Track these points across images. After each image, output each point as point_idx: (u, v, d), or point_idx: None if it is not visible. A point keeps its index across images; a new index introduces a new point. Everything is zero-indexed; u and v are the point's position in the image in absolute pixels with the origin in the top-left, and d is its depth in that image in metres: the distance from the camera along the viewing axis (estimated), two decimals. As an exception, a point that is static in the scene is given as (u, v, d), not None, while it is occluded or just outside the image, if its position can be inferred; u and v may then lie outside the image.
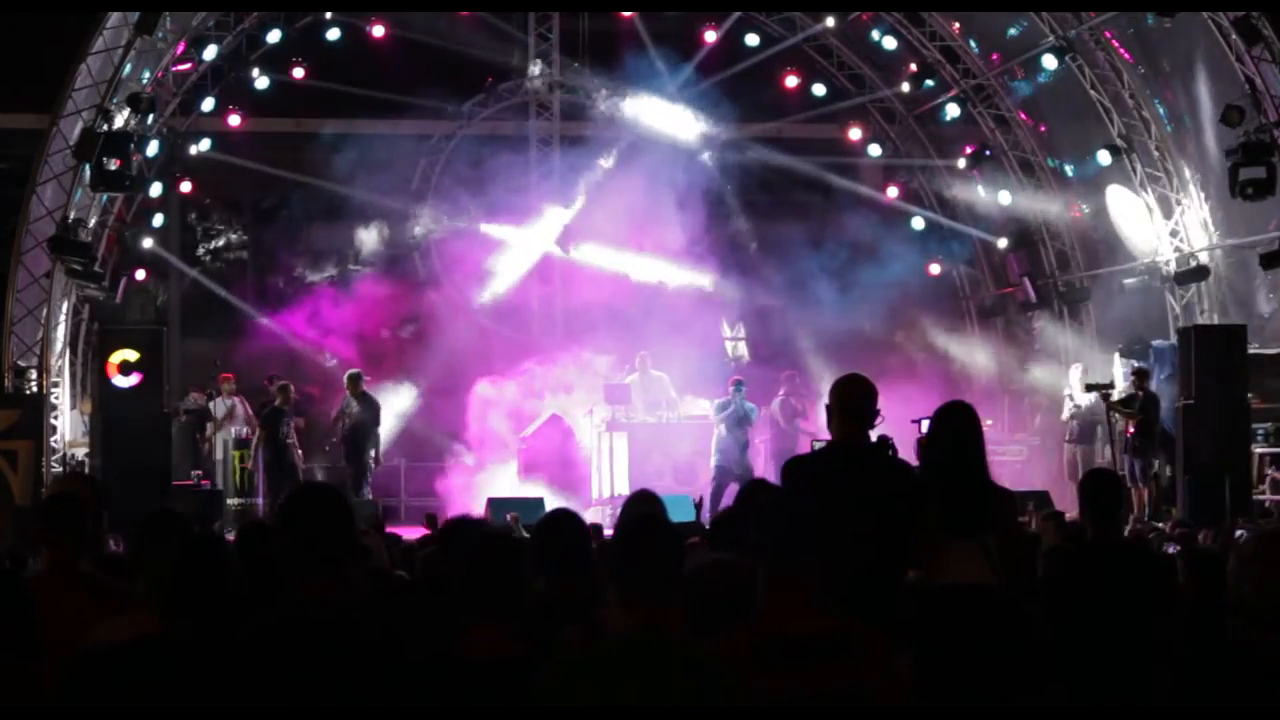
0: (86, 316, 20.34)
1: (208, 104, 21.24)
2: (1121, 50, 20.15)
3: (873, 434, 6.38)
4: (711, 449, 19.10)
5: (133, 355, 17.90)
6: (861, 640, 4.22)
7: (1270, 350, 18.90)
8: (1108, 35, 20.02)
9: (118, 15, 18.41)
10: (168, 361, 18.97)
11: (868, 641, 4.23)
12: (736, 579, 4.49)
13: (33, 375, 18.81)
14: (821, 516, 4.42)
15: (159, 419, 18.08)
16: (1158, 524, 15.48)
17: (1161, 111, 20.19)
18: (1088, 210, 22.42)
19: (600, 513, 19.02)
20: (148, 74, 19.54)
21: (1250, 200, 17.68)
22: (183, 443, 19.90)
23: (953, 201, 23.92)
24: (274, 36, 21.07)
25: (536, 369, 21.09)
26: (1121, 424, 18.79)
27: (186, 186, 21.93)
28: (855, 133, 23.76)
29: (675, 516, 5.81)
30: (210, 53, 20.55)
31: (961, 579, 6.09)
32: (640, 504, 6.06)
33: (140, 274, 21.54)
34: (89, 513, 5.41)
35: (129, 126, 18.70)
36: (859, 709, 4.13)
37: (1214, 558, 6.78)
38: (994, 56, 22.35)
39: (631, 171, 21.84)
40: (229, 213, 23.17)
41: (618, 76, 22.35)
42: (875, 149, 23.93)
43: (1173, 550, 10.54)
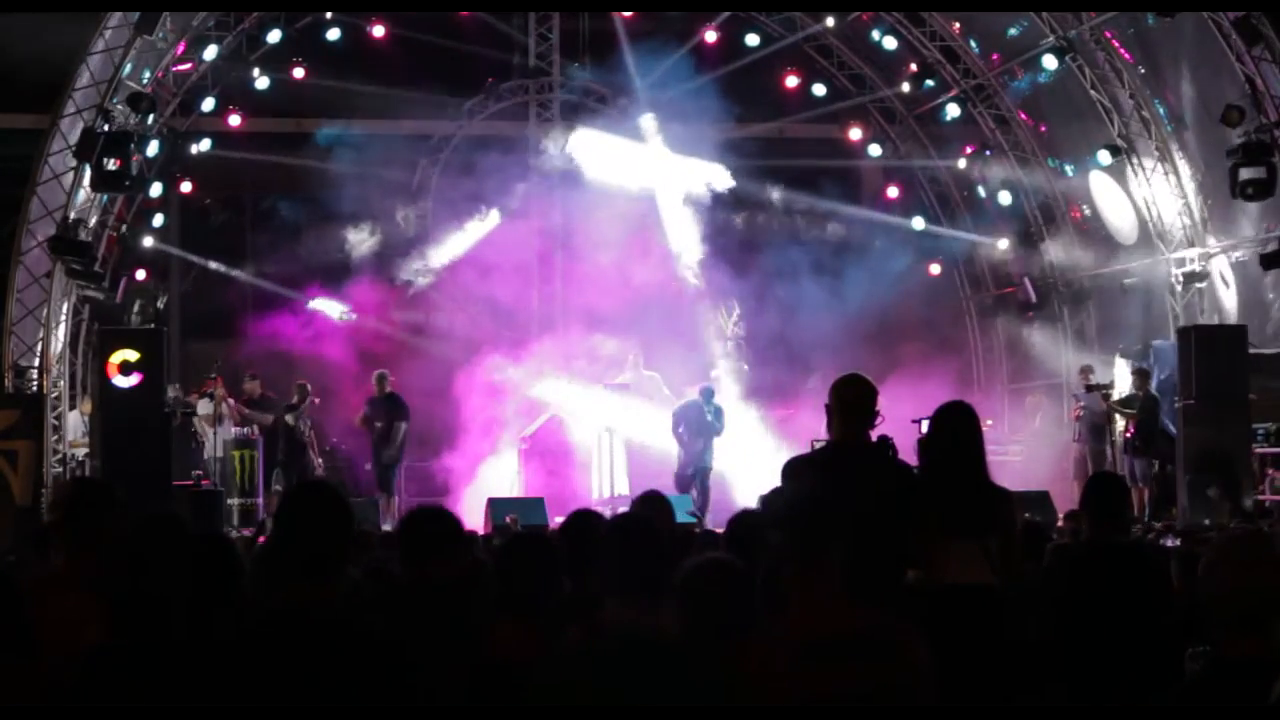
0: (86, 316, 20.33)
1: (208, 104, 21.23)
2: (1121, 50, 20.16)
3: (873, 434, 6.39)
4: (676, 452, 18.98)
5: (133, 355, 17.90)
6: (894, 635, 4.21)
7: (1270, 350, 18.90)
8: (1108, 35, 20.02)
9: (118, 15, 18.42)
10: (168, 361, 18.96)
11: (901, 635, 4.22)
12: (737, 579, 4.49)
13: (33, 375, 18.81)
14: (840, 509, 4.41)
15: (159, 419, 18.07)
16: (1157, 524, 15.50)
17: (1161, 111, 20.18)
18: (1088, 210, 22.43)
19: (600, 513, 19.02)
20: (148, 74, 19.54)
21: (1250, 200, 17.69)
22: (183, 443, 19.89)
23: (953, 202, 23.93)
24: (274, 36, 21.07)
25: (537, 369, 21.08)
26: (1122, 424, 18.81)
27: (186, 186, 21.93)
28: (855, 133, 23.76)
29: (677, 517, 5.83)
30: (210, 53, 20.55)
31: (961, 579, 6.10)
32: (644, 505, 6.07)
33: (140, 274, 21.53)
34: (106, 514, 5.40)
35: (129, 126, 18.70)
36: (885, 708, 4.12)
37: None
38: (994, 56, 22.35)
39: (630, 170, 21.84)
40: (229, 213, 23.16)
41: (617, 76, 22.35)
42: (875, 149, 23.93)
43: (1170, 544, 10.59)
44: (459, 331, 21.85)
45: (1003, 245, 23.27)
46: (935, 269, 24.06)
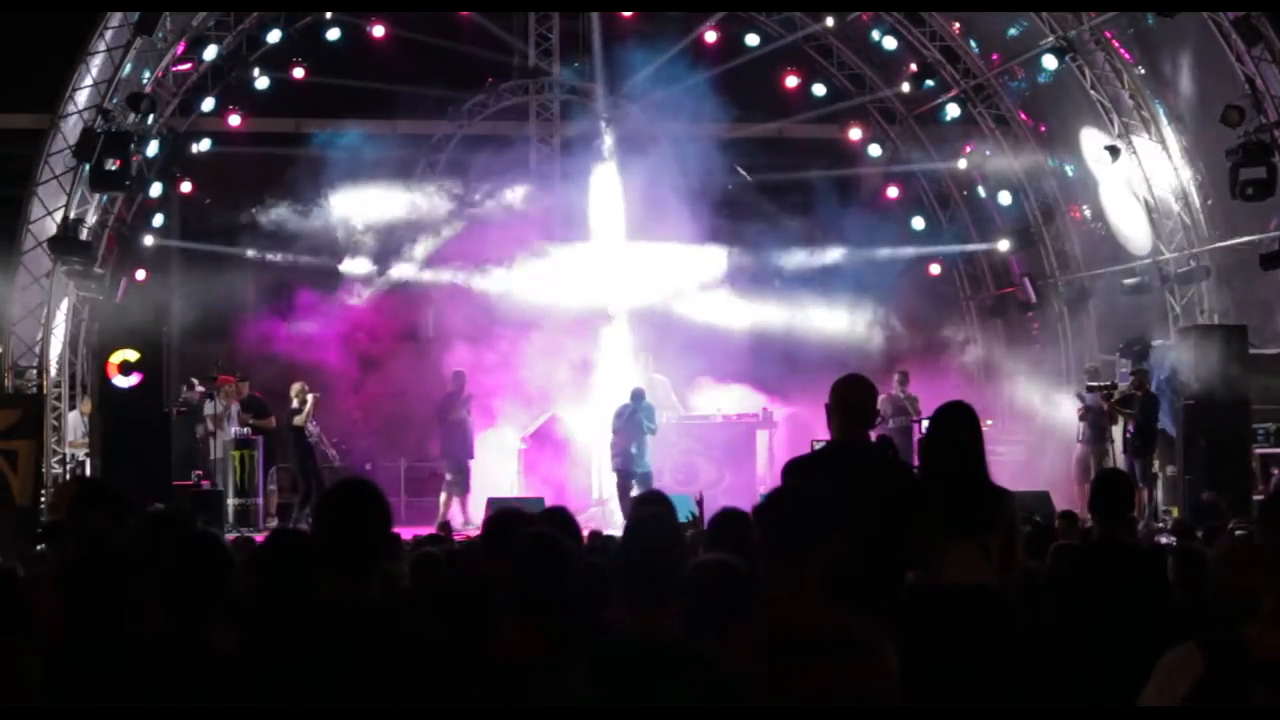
0: (86, 316, 20.33)
1: (208, 104, 21.23)
2: (1121, 50, 20.15)
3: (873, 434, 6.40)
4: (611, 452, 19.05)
5: (133, 355, 17.90)
6: (862, 638, 4.22)
7: (1270, 350, 18.90)
8: (1108, 35, 20.02)
9: (118, 15, 18.42)
10: (168, 361, 18.96)
11: (868, 639, 4.23)
12: (737, 579, 4.49)
13: (33, 375, 18.81)
14: (824, 509, 4.42)
15: (159, 419, 18.08)
16: (1158, 524, 15.51)
17: (1161, 111, 20.18)
18: (1088, 210, 22.42)
19: (600, 513, 19.05)
20: (148, 74, 19.53)
21: (1250, 200, 17.68)
22: (182, 442, 19.88)
23: (953, 202, 23.92)
24: (274, 36, 21.07)
25: (537, 368, 21.08)
26: (1122, 424, 18.81)
27: (186, 186, 21.93)
28: (855, 133, 23.76)
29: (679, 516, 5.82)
30: (210, 53, 20.55)
31: (961, 579, 6.09)
32: (648, 504, 6.06)
33: (140, 274, 21.54)
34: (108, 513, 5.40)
35: (129, 126, 18.70)
36: (859, 709, 4.13)
37: (1202, 557, 6.81)
38: (994, 56, 22.34)
39: (631, 172, 21.82)
40: (229, 213, 23.15)
41: (617, 77, 22.34)
42: (875, 149, 23.93)
43: (1165, 541, 10.62)
44: (459, 331, 21.84)
45: (1003, 246, 23.27)
46: (935, 269, 24.06)
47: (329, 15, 21.45)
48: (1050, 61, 20.41)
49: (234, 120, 21.57)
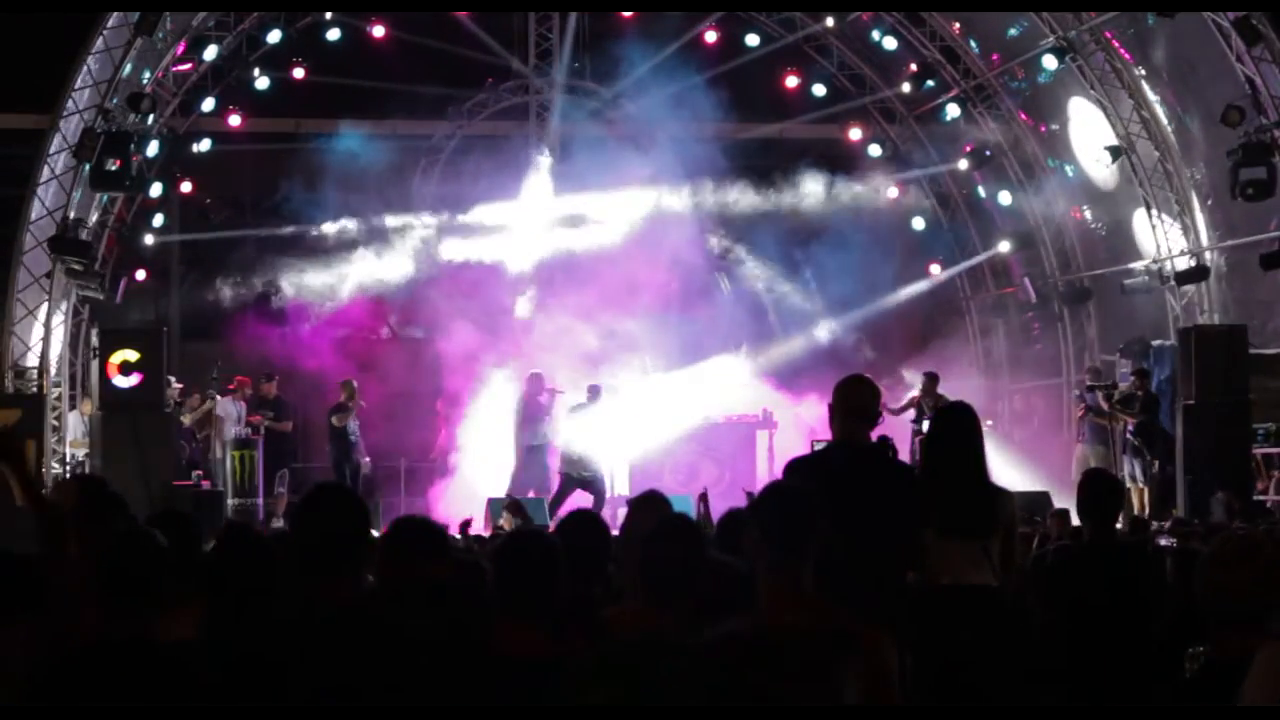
0: (86, 316, 20.34)
1: (208, 104, 21.24)
2: (1122, 50, 20.16)
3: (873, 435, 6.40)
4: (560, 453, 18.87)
5: (133, 355, 17.90)
6: (859, 638, 4.21)
7: (1270, 350, 18.91)
8: (1108, 35, 20.02)
9: (118, 15, 18.42)
10: (168, 361, 18.96)
11: (865, 639, 4.22)
12: (737, 579, 4.49)
13: (33, 375, 18.81)
14: (819, 508, 4.42)
15: (159, 419, 18.07)
16: (1157, 524, 15.50)
17: (1161, 111, 20.19)
18: (1088, 210, 22.43)
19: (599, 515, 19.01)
20: (148, 74, 19.55)
21: (1250, 200, 17.69)
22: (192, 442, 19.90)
23: (953, 202, 23.93)
24: (274, 36, 21.08)
25: (537, 368, 21.05)
26: (1121, 424, 18.81)
27: (186, 186, 21.93)
28: (855, 133, 23.76)
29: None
30: (210, 53, 20.55)
31: (961, 579, 6.10)
32: (649, 504, 6.04)
33: (140, 274, 21.54)
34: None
35: (129, 126, 18.70)
36: (859, 708, 4.12)
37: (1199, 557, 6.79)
38: (994, 56, 22.35)
39: (631, 172, 21.83)
40: (229, 213, 23.16)
41: (617, 77, 22.33)
42: (875, 149, 23.93)
43: (1164, 542, 10.62)
44: (458, 330, 21.83)
45: (1003, 246, 23.27)
46: (935, 269, 24.06)
47: (329, 15, 21.46)
48: (1050, 61, 20.42)
49: (234, 120, 21.57)
